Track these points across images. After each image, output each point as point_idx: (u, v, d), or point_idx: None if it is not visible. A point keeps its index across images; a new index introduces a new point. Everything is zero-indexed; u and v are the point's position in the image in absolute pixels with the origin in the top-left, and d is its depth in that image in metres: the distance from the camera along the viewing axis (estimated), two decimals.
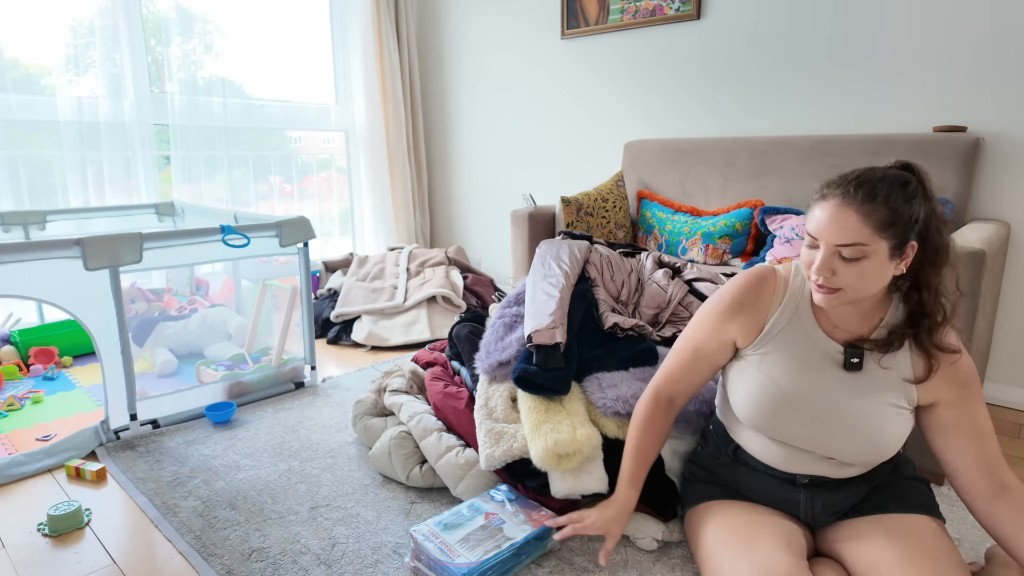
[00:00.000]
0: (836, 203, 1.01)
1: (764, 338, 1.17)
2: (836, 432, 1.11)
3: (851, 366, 1.10)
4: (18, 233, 2.64)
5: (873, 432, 1.10)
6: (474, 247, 4.05)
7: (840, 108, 2.49)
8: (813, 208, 1.05)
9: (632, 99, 3.12)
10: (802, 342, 1.14)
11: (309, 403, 2.23)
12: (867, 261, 1.00)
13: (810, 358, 1.13)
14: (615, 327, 1.69)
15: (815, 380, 1.12)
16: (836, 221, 1.00)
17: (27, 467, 1.75)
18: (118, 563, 1.38)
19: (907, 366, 1.10)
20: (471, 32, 3.76)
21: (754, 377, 1.17)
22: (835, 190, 1.02)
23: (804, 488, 1.20)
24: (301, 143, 3.77)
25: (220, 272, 3.15)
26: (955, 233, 1.82)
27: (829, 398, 1.11)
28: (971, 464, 1.10)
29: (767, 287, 1.18)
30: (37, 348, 2.54)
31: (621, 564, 1.35)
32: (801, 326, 1.15)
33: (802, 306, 1.16)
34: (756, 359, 1.18)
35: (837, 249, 1.01)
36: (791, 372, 1.13)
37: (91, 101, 2.87)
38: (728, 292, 1.21)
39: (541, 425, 1.44)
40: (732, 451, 1.28)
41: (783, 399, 1.13)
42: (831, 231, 1.00)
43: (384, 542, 1.43)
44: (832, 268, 1.02)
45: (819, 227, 1.02)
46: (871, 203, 0.98)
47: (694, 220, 2.60)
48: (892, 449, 1.12)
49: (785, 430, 1.15)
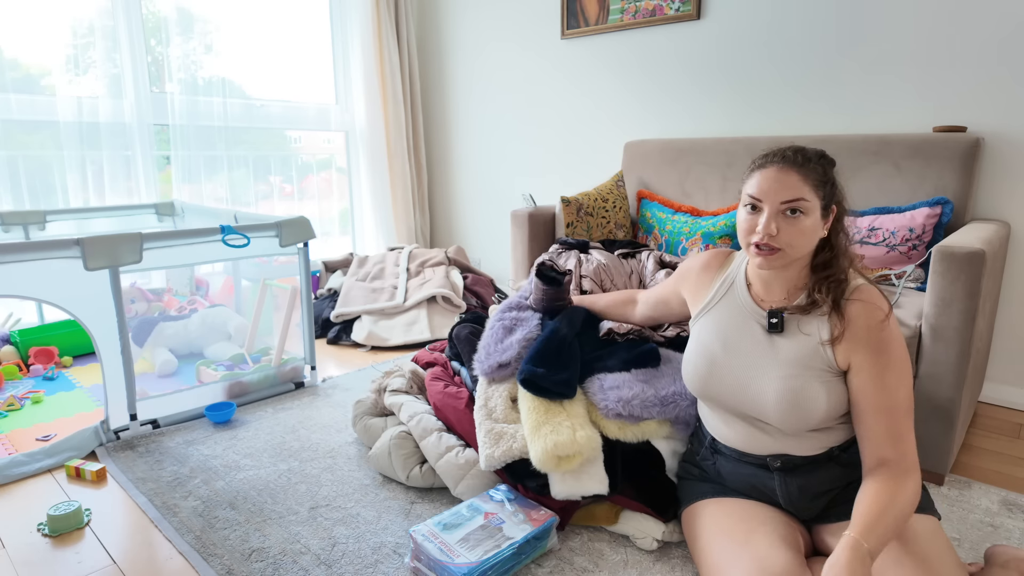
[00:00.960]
0: (777, 167, 1.14)
1: (704, 308, 1.32)
2: (759, 391, 1.18)
3: (772, 327, 1.19)
4: (18, 233, 2.64)
5: (795, 394, 1.14)
6: (474, 247, 4.05)
7: (840, 108, 2.49)
8: (752, 176, 1.17)
9: (632, 99, 3.12)
10: (734, 311, 1.26)
11: (309, 403, 2.23)
12: (805, 218, 1.12)
13: (738, 324, 1.24)
14: (610, 333, 1.69)
15: (741, 342, 1.23)
16: (779, 181, 1.12)
17: (27, 467, 1.75)
18: (118, 563, 1.38)
19: (825, 330, 1.16)
20: (471, 32, 3.76)
21: (693, 346, 1.31)
22: (773, 158, 1.15)
23: (777, 473, 1.22)
24: (301, 143, 3.77)
25: (220, 272, 3.15)
26: (955, 233, 1.82)
27: (752, 359, 1.21)
28: (863, 432, 1.13)
29: (714, 262, 1.35)
30: (37, 348, 2.54)
31: (621, 564, 1.36)
32: (735, 297, 1.27)
33: (738, 280, 1.29)
34: (697, 328, 1.33)
35: (781, 207, 1.12)
36: (721, 336, 1.26)
37: (91, 101, 2.87)
38: (687, 260, 1.45)
39: (541, 427, 1.44)
40: (710, 443, 1.33)
41: (713, 360, 1.25)
42: (776, 190, 1.12)
43: (384, 542, 1.43)
44: (776, 226, 1.12)
45: (763, 188, 1.13)
46: (808, 165, 1.13)
47: (694, 220, 2.60)
48: (815, 414, 1.14)
49: (716, 392, 1.24)
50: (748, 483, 1.27)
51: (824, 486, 1.21)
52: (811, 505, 1.22)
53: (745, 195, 1.17)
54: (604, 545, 1.42)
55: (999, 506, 1.58)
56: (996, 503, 1.60)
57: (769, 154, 1.17)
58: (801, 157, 1.13)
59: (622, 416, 1.47)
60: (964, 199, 2.08)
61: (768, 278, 1.22)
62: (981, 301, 1.57)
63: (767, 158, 1.17)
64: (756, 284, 1.25)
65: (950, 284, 1.56)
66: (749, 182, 1.17)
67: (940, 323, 1.59)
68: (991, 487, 1.67)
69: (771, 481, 1.24)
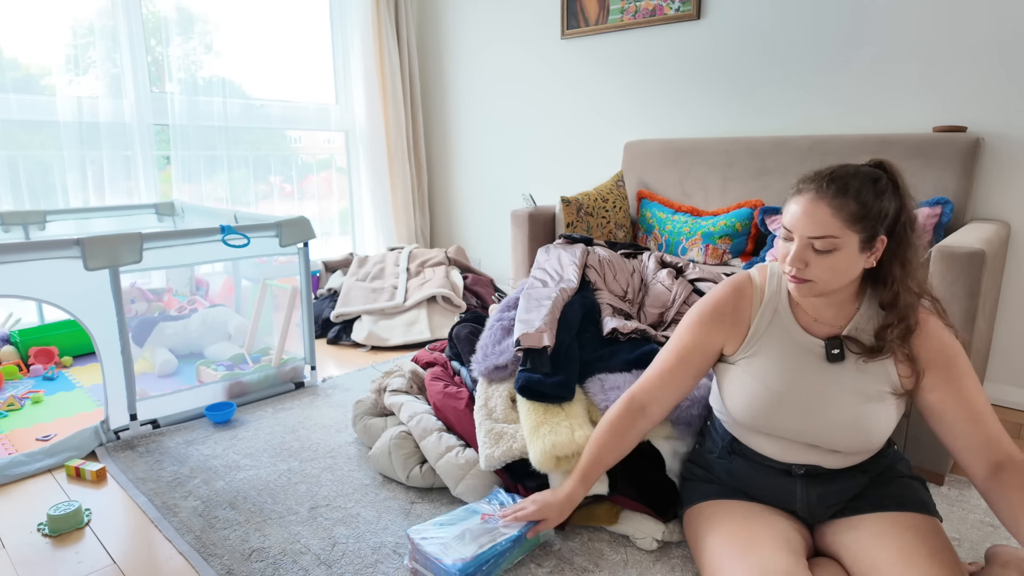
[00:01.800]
0: (809, 197, 1.06)
1: (749, 342, 1.21)
2: (825, 423, 1.13)
3: (832, 358, 1.13)
4: (18, 233, 2.64)
5: (860, 420, 1.12)
6: (474, 247, 4.05)
7: (840, 108, 2.49)
8: (789, 203, 1.10)
9: (632, 99, 3.12)
10: (785, 341, 1.18)
11: (309, 403, 2.23)
12: (838, 253, 1.04)
13: (794, 355, 1.17)
14: (614, 332, 1.69)
15: (801, 375, 1.15)
16: (809, 215, 1.04)
17: (27, 467, 1.75)
18: (118, 563, 1.38)
19: (892, 368, 1.12)
20: (471, 32, 3.76)
21: (744, 382, 1.21)
22: (809, 185, 1.07)
23: (800, 479, 1.21)
24: (301, 143, 3.77)
25: (220, 272, 3.15)
26: (955, 233, 1.82)
27: (815, 391, 1.14)
28: (963, 445, 1.10)
29: (745, 295, 1.23)
30: (37, 348, 2.54)
31: (621, 564, 1.35)
32: (782, 327, 1.19)
33: (780, 307, 1.20)
34: (744, 363, 1.22)
35: (810, 241, 1.05)
36: (777, 371, 1.17)
37: (91, 101, 2.87)
38: (708, 302, 1.25)
39: (539, 427, 1.44)
40: (729, 443, 1.29)
41: (772, 399, 1.17)
42: (804, 224, 1.05)
43: (384, 542, 1.43)
44: (805, 260, 1.06)
45: (793, 220, 1.07)
46: (843, 197, 1.03)
47: (694, 220, 2.60)
48: (880, 435, 1.13)
49: (776, 426, 1.18)
50: (765, 486, 1.24)
51: (844, 495, 1.20)
52: (826, 511, 1.21)
53: (781, 224, 1.11)
54: (604, 545, 1.42)
55: None
56: None
57: (807, 178, 1.09)
58: (836, 188, 1.04)
59: None
60: (964, 199, 2.08)
61: (816, 301, 1.15)
62: (981, 301, 1.57)
63: (804, 183, 1.09)
64: (805, 305, 1.18)
65: (950, 284, 1.56)
66: (786, 209, 1.10)
67: None
68: None
69: (792, 486, 1.21)
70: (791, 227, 1.07)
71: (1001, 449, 1.08)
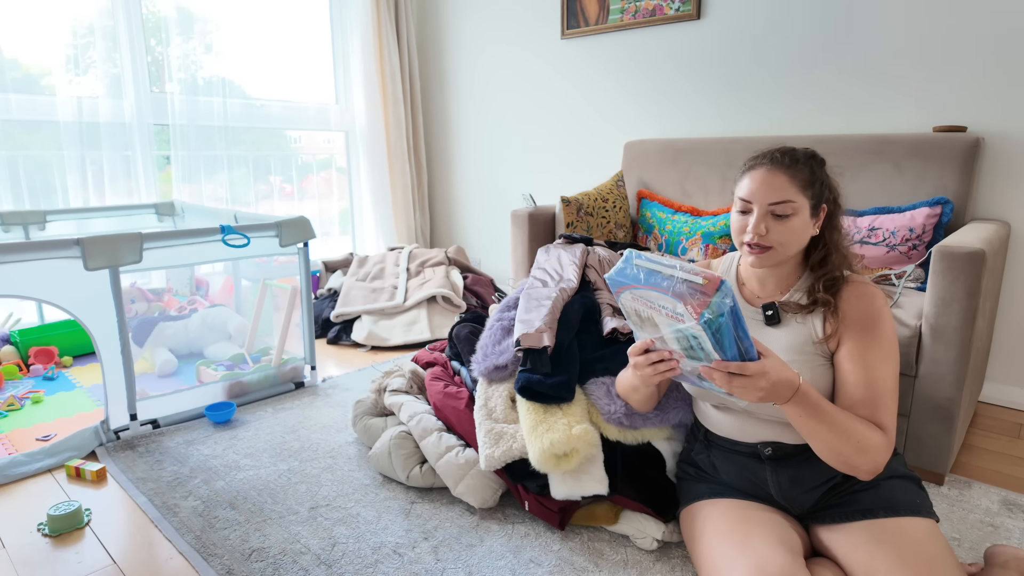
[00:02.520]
0: (766, 169, 1.17)
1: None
2: None
3: (768, 319, 1.23)
4: (18, 233, 2.64)
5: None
6: (474, 247, 4.05)
7: (840, 108, 2.49)
8: (743, 178, 1.21)
9: (632, 99, 3.12)
10: None
11: (309, 403, 2.23)
12: (795, 218, 1.15)
13: None
14: (614, 332, 1.69)
15: None
16: (768, 183, 1.16)
17: (27, 467, 1.75)
18: (118, 563, 1.38)
19: (818, 320, 1.19)
20: (471, 32, 3.76)
21: None
22: (762, 160, 1.19)
23: (769, 463, 1.23)
24: (301, 143, 3.77)
25: (220, 272, 3.15)
26: (955, 233, 1.82)
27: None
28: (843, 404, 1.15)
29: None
30: (37, 348, 2.54)
31: (621, 564, 1.36)
32: None
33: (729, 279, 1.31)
34: None
35: (770, 208, 1.16)
36: None
37: (91, 101, 2.87)
38: None
39: (537, 426, 1.44)
40: (704, 436, 1.35)
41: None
42: (764, 192, 1.16)
43: (384, 542, 1.43)
44: (766, 226, 1.16)
45: (752, 191, 1.17)
46: (795, 166, 1.16)
47: (694, 220, 2.60)
48: None
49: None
50: (742, 476, 1.27)
51: (817, 479, 1.21)
52: (804, 497, 1.22)
53: (736, 198, 1.20)
54: (604, 545, 1.42)
55: (999, 506, 1.58)
56: (996, 503, 1.60)
57: (758, 156, 1.20)
58: (788, 159, 1.17)
59: (624, 425, 1.47)
60: (964, 199, 2.08)
61: (762, 276, 1.26)
62: (981, 301, 1.57)
63: (756, 160, 1.20)
64: (751, 283, 1.29)
65: (950, 284, 1.56)
66: (740, 185, 1.21)
67: (940, 323, 1.59)
68: (991, 487, 1.67)
69: (763, 472, 1.24)
70: (750, 198, 1.17)
71: (870, 414, 1.11)
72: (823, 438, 1.07)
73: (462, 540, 1.44)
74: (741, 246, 1.21)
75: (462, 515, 1.54)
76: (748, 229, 1.17)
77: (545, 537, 1.45)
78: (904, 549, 1.06)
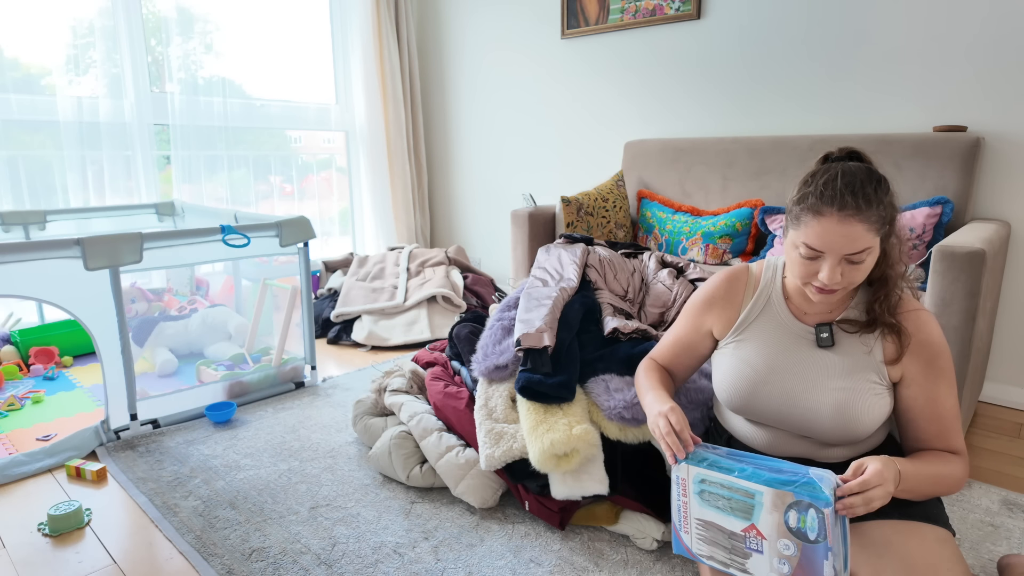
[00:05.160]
0: (837, 217, 1.03)
1: (739, 327, 1.25)
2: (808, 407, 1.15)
3: (822, 342, 1.16)
4: (18, 233, 2.64)
5: (843, 406, 1.12)
6: (474, 247, 4.05)
7: (840, 108, 2.49)
8: (807, 220, 1.06)
9: (632, 99, 3.12)
10: (775, 327, 1.22)
11: (309, 403, 2.23)
12: (869, 258, 1.07)
13: (782, 340, 1.20)
14: (615, 332, 1.69)
15: (787, 358, 1.18)
16: (843, 235, 1.03)
17: (27, 467, 1.75)
18: (118, 563, 1.38)
19: (877, 344, 1.14)
20: (471, 32, 3.76)
21: (731, 363, 1.24)
22: (831, 203, 1.04)
23: None
24: (301, 143, 3.77)
25: (220, 272, 3.15)
26: (955, 233, 1.82)
27: (800, 374, 1.17)
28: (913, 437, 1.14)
29: (738, 282, 1.28)
30: (37, 348, 2.54)
31: (621, 564, 1.36)
32: (774, 314, 1.22)
33: (774, 296, 1.24)
34: (733, 347, 1.25)
35: (845, 257, 1.05)
36: (763, 353, 1.20)
37: (91, 101, 2.87)
38: (702, 289, 1.32)
39: (537, 426, 1.44)
40: (726, 441, 1.31)
41: (755, 378, 1.20)
42: (840, 244, 1.04)
43: (384, 542, 1.43)
44: (840, 272, 1.07)
45: (824, 241, 1.05)
46: (869, 209, 1.03)
47: (694, 220, 2.60)
48: (865, 425, 1.13)
49: (759, 408, 1.19)
50: None
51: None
52: None
53: (800, 242, 1.07)
54: (604, 545, 1.42)
55: (999, 506, 1.58)
56: (996, 503, 1.60)
57: (824, 195, 1.05)
58: (861, 200, 1.02)
59: (625, 420, 1.47)
60: (964, 199, 2.08)
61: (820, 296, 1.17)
62: (981, 301, 1.57)
63: (822, 200, 1.05)
64: (796, 297, 1.20)
65: (950, 284, 1.56)
66: (804, 228, 1.07)
67: (940, 323, 1.58)
68: (991, 487, 1.67)
69: None
70: (822, 247, 1.05)
71: (943, 445, 1.11)
72: (920, 495, 1.06)
73: (462, 540, 1.44)
74: (806, 286, 1.11)
75: (462, 515, 1.54)
76: (821, 278, 1.07)
77: (545, 537, 1.45)
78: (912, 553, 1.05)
